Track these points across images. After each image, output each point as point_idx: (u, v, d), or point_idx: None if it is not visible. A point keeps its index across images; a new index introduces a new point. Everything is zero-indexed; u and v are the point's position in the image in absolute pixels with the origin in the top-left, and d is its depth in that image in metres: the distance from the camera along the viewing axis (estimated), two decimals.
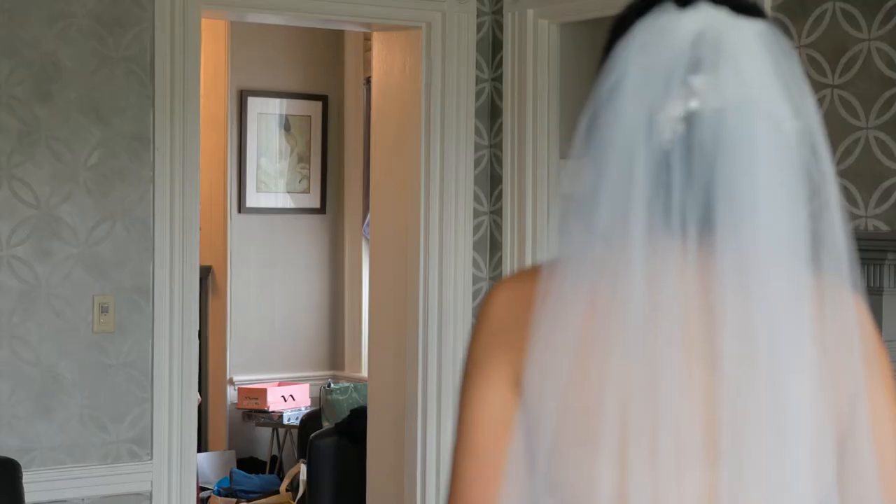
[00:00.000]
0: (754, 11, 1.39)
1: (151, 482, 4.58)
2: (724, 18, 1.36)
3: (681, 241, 1.34)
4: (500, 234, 5.25)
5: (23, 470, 4.18)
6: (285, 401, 7.63)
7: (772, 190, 1.32)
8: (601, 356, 1.33)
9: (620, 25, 1.40)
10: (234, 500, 7.22)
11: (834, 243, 1.35)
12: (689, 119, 1.33)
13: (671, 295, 1.32)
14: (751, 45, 1.35)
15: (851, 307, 1.37)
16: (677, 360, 1.31)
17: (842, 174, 4.08)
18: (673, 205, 1.33)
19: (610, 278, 1.34)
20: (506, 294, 1.42)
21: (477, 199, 5.29)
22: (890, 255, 3.75)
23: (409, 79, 5.29)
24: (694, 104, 1.33)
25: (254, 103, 7.80)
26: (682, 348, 1.32)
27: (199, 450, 6.79)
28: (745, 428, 1.31)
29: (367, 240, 7.24)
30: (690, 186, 1.32)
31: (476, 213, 5.29)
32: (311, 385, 7.77)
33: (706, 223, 1.33)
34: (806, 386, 1.33)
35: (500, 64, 5.26)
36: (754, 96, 1.33)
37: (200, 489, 6.73)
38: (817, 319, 1.35)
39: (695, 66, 1.33)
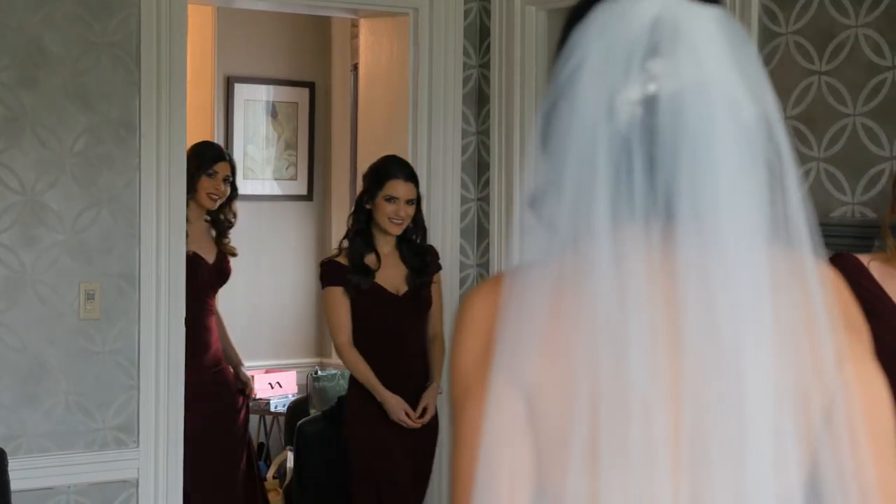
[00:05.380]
0: None
1: (138, 469, 4.57)
2: (681, 4, 1.36)
3: (644, 228, 1.33)
4: (488, 221, 5.24)
5: (9, 458, 4.17)
6: (272, 388, 7.61)
7: (732, 175, 1.32)
8: (568, 357, 1.32)
9: (578, 12, 1.40)
10: None
11: (795, 229, 1.34)
12: (648, 103, 1.33)
13: (637, 289, 1.31)
14: (708, 31, 1.35)
15: (818, 285, 1.36)
16: (645, 357, 1.30)
17: (829, 161, 4.07)
18: (635, 191, 1.32)
19: (575, 273, 1.33)
20: (482, 302, 1.40)
21: (464, 186, 5.28)
22: (877, 242, 3.75)
23: (396, 65, 5.28)
24: (652, 88, 1.33)
25: (240, 90, 7.77)
26: (649, 345, 1.31)
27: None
28: (707, 423, 1.31)
29: None
30: (652, 172, 1.32)
31: (463, 200, 5.28)
32: (297, 372, 7.75)
33: (669, 210, 1.32)
34: (768, 375, 1.31)
35: (487, 50, 5.25)
36: (712, 80, 1.33)
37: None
38: (783, 305, 1.34)
39: (653, 51, 1.33)
